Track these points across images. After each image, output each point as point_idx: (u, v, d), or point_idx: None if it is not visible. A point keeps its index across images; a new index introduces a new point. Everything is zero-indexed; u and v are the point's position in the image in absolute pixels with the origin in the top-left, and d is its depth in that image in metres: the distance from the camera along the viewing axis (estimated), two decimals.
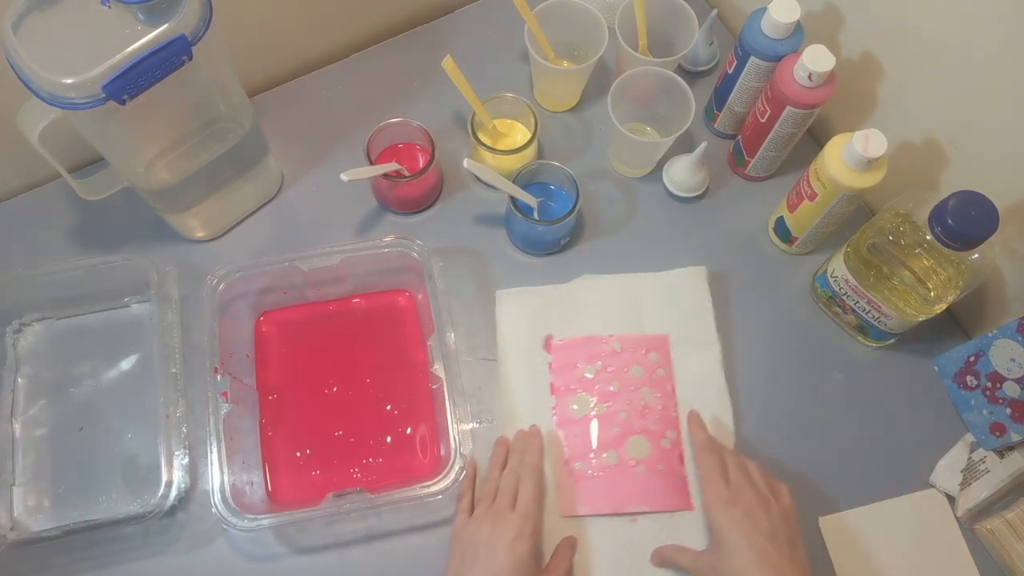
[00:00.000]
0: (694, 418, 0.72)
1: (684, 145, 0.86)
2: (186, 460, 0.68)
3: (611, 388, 0.74)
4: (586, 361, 0.75)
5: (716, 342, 0.77)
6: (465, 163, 0.75)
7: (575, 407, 0.74)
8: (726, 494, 0.63)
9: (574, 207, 0.75)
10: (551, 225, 0.76)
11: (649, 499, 0.70)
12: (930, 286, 0.66)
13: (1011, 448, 0.72)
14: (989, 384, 0.72)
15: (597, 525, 0.69)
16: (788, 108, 0.73)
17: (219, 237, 0.82)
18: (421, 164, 0.80)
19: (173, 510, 0.69)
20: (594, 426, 0.73)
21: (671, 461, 0.72)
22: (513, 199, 0.76)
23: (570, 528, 0.69)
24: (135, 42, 0.55)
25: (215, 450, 0.65)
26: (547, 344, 0.77)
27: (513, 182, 0.76)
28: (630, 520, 0.70)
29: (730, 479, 0.65)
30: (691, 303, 0.78)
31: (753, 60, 0.75)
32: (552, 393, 0.75)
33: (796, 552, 0.60)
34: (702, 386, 0.75)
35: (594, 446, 0.72)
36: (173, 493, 0.66)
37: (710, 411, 0.74)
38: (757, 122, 0.78)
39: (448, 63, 0.75)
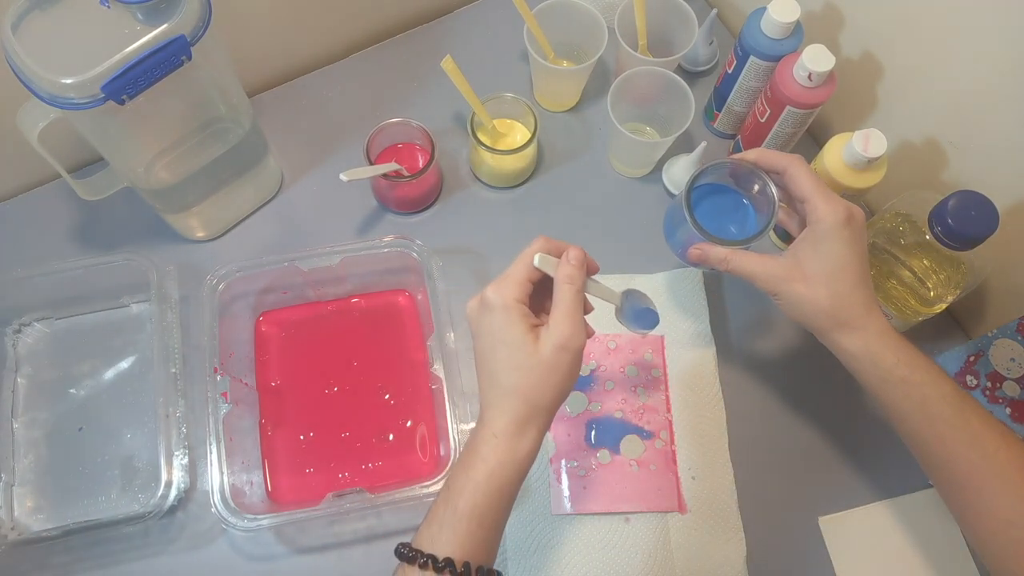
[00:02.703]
0: (767, 153, 0.62)
1: (684, 145, 0.86)
2: (186, 460, 0.68)
3: (606, 387, 0.74)
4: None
5: (711, 343, 0.77)
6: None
7: (569, 406, 0.74)
8: (843, 209, 0.57)
9: (764, 229, 0.63)
10: (740, 245, 0.63)
11: (642, 499, 0.70)
12: (930, 286, 0.66)
13: None
14: (989, 384, 0.72)
15: (589, 524, 0.69)
16: (788, 108, 0.73)
17: (219, 237, 0.82)
18: (421, 164, 0.80)
19: (173, 510, 0.69)
20: (588, 425, 0.73)
21: (664, 462, 0.72)
22: (689, 199, 0.64)
23: (563, 527, 0.69)
24: (134, 42, 0.55)
25: (215, 450, 0.65)
26: None
27: (691, 180, 0.64)
28: (623, 520, 0.70)
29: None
30: (687, 304, 0.78)
31: (753, 60, 0.75)
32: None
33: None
34: (697, 387, 0.75)
35: (588, 445, 0.72)
36: (173, 493, 0.66)
37: (705, 412, 0.74)
38: (757, 122, 0.78)
39: (448, 63, 0.75)
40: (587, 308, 0.56)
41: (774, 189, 0.62)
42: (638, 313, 0.62)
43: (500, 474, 0.50)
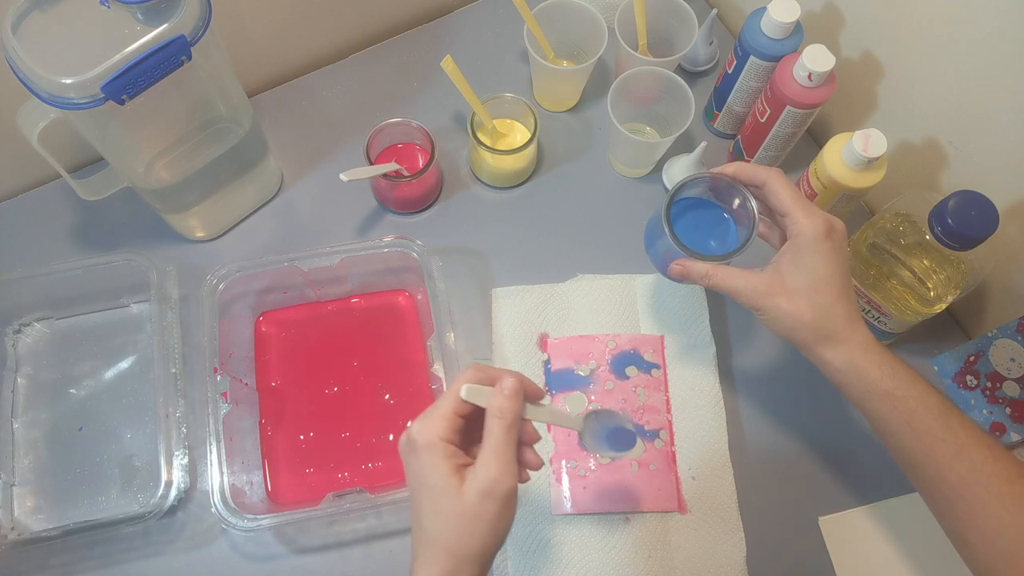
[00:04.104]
0: (746, 166, 0.62)
1: (684, 145, 0.86)
2: (186, 460, 0.68)
3: (606, 387, 0.74)
4: (581, 360, 0.75)
5: (711, 343, 0.77)
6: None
7: (569, 406, 0.74)
8: (823, 221, 0.57)
9: (745, 244, 0.62)
10: (721, 260, 0.62)
11: (642, 499, 0.70)
12: (930, 286, 0.66)
13: (1011, 448, 0.72)
14: (989, 384, 0.72)
15: (590, 524, 0.69)
16: (788, 108, 0.73)
17: (219, 237, 0.82)
18: (421, 164, 0.80)
19: (173, 510, 0.69)
20: None
21: (664, 462, 0.72)
22: (668, 216, 0.63)
23: (563, 527, 0.69)
24: (134, 42, 0.55)
25: (215, 450, 0.65)
26: (542, 342, 0.77)
27: (670, 195, 0.63)
28: (623, 520, 0.70)
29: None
30: (687, 304, 0.78)
31: (753, 60, 0.75)
32: (547, 391, 0.75)
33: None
34: (697, 387, 0.75)
35: None
36: (173, 493, 0.66)
37: (705, 412, 0.74)
38: (757, 122, 0.78)
39: (448, 63, 0.75)
40: (532, 437, 0.51)
41: (754, 203, 0.62)
42: (610, 433, 0.56)
43: None
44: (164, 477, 0.66)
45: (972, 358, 0.73)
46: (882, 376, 0.55)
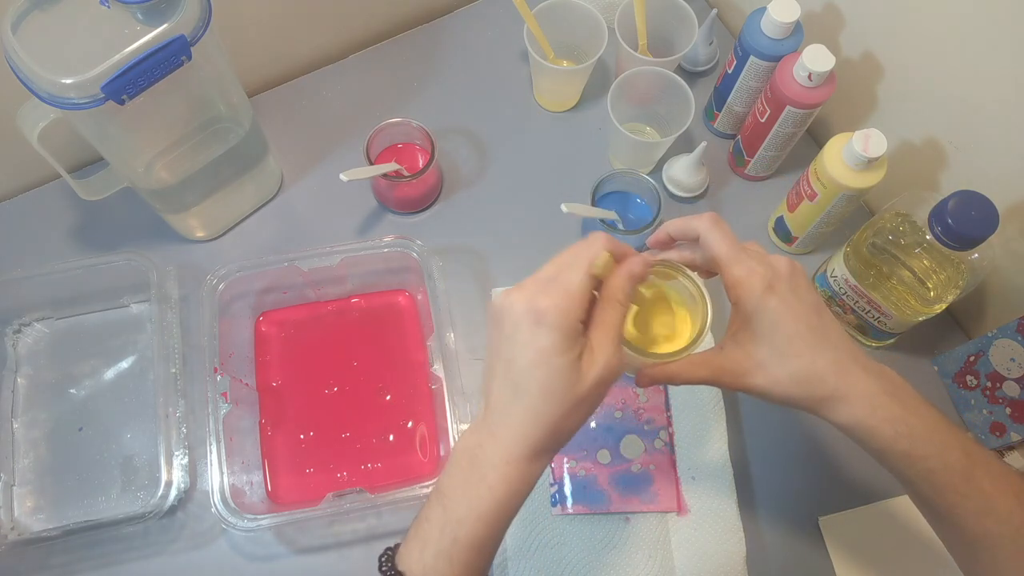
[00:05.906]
0: (679, 222, 0.54)
1: (684, 145, 0.86)
2: (186, 460, 0.68)
3: None
4: None
5: (711, 343, 0.76)
6: (564, 207, 0.73)
7: None
8: (760, 277, 0.49)
9: (655, 217, 0.75)
10: (633, 235, 0.76)
11: (641, 499, 0.70)
12: (930, 286, 0.66)
13: (1011, 448, 0.72)
14: (989, 384, 0.72)
15: (589, 524, 0.69)
16: (788, 108, 0.73)
17: (219, 237, 0.82)
18: (421, 164, 0.80)
19: (173, 510, 0.69)
20: (588, 425, 0.73)
21: (664, 462, 0.72)
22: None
23: (563, 527, 0.69)
24: (134, 42, 0.55)
25: (215, 450, 0.65)
26: None
27: (594, 190, 0.76)
28: (623, 520, 0.70)
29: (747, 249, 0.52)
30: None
31: (753, 60, 0.75)
32: None
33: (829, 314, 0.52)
34: (697, 387, 0.75)
35: (587, 445, 0.72)
36: (173, 493, 0.66)
37: (705, 412, 0.74)
38: (757, 122, 0.78)
39: None
40: None
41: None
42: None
43: (508, 505, 0.45)
44: (164, 477, 0.66)
45: (972, 358, 0.73)
46: (896, 436, 0.49)
